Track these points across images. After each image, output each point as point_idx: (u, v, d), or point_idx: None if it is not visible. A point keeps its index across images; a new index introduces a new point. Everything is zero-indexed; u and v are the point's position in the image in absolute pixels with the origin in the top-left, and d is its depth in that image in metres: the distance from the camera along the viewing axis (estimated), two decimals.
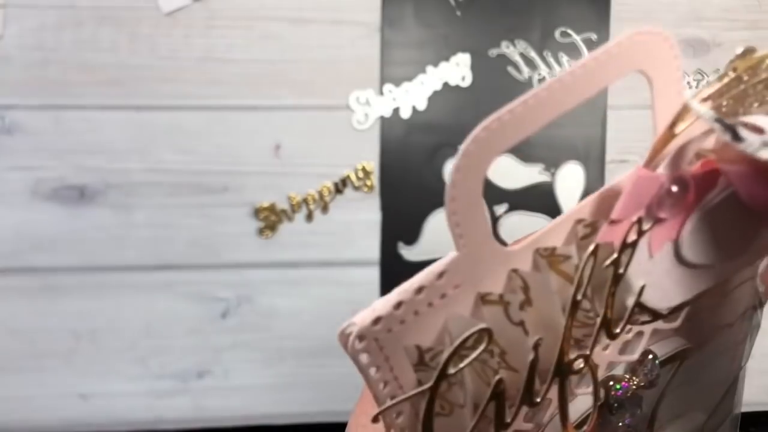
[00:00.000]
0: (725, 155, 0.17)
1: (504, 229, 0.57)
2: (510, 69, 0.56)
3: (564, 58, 0.56)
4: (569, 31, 0.56)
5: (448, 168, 0.56)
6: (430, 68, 0.56)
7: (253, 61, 0.54)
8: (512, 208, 0.57)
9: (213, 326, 0.56)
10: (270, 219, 0.55)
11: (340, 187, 0.56)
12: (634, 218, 0.17)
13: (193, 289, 0.55)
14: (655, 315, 0.18)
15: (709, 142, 0.17)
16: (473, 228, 0.15)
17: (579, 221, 0.17)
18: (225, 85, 0.54)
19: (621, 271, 0.17)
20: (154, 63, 0.54)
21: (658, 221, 0.17)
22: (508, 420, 0.16)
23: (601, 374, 0.18)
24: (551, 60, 0.56)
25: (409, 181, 0.56)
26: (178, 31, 0.54)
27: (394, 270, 0.56)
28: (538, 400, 0.16)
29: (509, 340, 0.16)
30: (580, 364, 0.17)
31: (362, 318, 0.15)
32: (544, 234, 0.17)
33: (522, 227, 0.58)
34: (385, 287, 0.56)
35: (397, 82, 0.55)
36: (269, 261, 0.56)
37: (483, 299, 0.16)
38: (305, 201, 0.55)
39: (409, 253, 0.56)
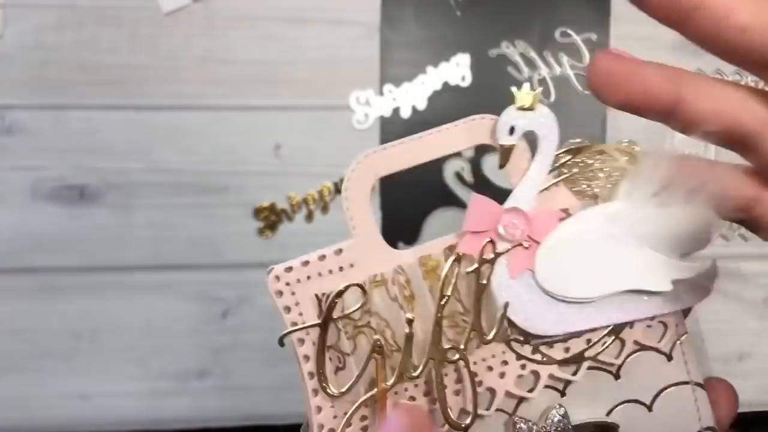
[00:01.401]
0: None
1: None
2: (510, 69, 0.56)
3: (564, 58, 0.56)
4: (569, 31, 0.56)
5: (449, 168, 0.56)
6: (430, 68, 0.56)
7: (253, 61, 0.54)
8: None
9: (213, 326, 0.56)
10: (270, 219, 0.55)
11: (340, 187, 0.56)
12: (487, 239, 0.21)
13: (193, 289, 0.55)
14: (526, 336, 0.21)
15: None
16: (363, 222, 0.22)
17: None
18: (225, 85, 0.54)
19: (483, 281, 0.21)
20: (154, 63, 0.54)
21: (515, 246, 0.21)
22: (389, 383, 0.20)
23: (500, 399, 0.21)
24: (551, 60, 0.56)
25: (409, 181, 0.56)
26: (178, 31, 0.54)
27: None
28: (415, 374, 0.20)
29: (391, 314, 0.21)
30: (454, 355, 0.21)
31: (280, 265, 0.22)
32: (427, 246, 0.22)
33: None
34: None
35: (397, 82, 0.55)
36: (269, 261, 0.55)
37: (372, 280, 0.21)
38: (305, 201, 0.55)
39: None
